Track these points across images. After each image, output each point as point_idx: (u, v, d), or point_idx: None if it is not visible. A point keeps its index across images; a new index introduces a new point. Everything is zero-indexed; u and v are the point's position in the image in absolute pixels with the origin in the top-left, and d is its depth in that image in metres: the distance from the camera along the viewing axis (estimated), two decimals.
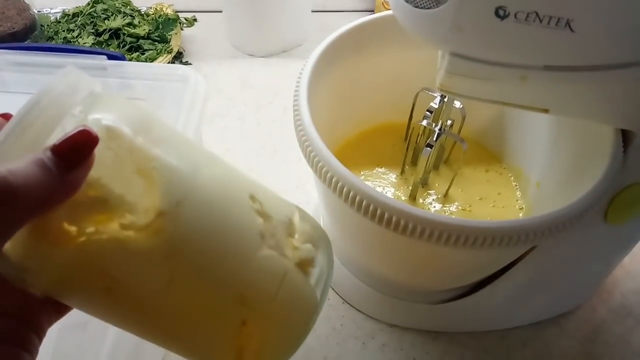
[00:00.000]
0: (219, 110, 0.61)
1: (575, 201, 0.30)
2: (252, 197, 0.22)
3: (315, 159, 0.32)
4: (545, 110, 0.31)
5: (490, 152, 0.48)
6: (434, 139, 0.39)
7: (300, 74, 0.37)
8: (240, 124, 0.60)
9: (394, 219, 0.29)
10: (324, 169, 0.31)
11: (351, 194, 0.30)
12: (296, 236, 0.23)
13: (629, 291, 0.46)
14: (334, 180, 0.31)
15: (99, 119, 0.20)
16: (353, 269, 0.44)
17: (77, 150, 0.18)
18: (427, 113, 0.41)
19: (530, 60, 0.27)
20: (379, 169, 0.45)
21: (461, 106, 0.42)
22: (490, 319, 0.43)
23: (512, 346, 0.43)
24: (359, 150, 0.47)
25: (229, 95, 0.63)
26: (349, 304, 0.45)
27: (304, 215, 0.25)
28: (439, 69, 0.30)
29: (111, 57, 0.44)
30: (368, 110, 0.47)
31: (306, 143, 0.33)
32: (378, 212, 0.29)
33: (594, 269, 0.42)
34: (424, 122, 0.40)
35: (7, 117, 0.21)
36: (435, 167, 0.46)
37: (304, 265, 0.23)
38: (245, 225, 0.22)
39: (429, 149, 0.39)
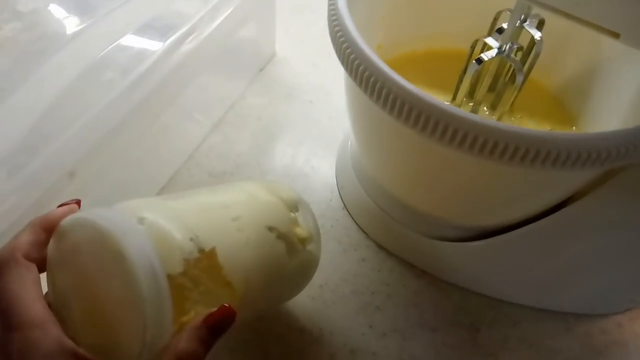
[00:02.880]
0: None
1: None
2: (270, 228, 0.28)
3: (344, 45, 0.28)
4: (616, 35, 0.26)
5: (564, 110, 0.41)
6: (489, 55, 0.34)
7: None
8: None
9: (445, 127, 0.24)
10: (354, 58, 0.27)
11: (386, 93, 0.26)
12: (299, 225, 0.31)
13: None
14: (365, 75, 0.26)
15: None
16: (364, 182, 0.41)
17: (222, 326, 0.22)
18: (496, 34, 0.36)
19: None
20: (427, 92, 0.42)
21: (539, 38, 0.36)
22: (489, 280, 0.38)
23: (499, 320, 0.37)
24: (410, 68, 0.43)
25: None
26: (347, 210, 0.43)
27: (297, 204, 0.32)
28: None
29: None
30: (436, 28, 0.43)
31: (337, 28, 0.29)
32: (425, 119, 0.25)
33: None
34: (488, 39, 0.36)
35: (78, 202, 0.25)
36: (493, 106, 0.40)
37: (306, 243, 0.31)
38: (276, 254, 0.29)
39: (476, 64, 0.34)
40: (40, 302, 0.21)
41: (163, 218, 0.23)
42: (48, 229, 0.23)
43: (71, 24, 0.39)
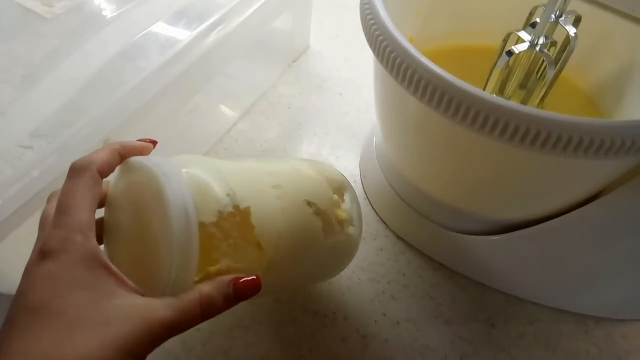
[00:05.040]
0: None
1: None
2: (308, 203, 0.29)
3: (376, 32, 0.28)
4: None
5: (596, 110, 0.40)
6: (520, 48, 0.34)
7: None
8: None
9: (487, 118, 0.24)
10: (381, 38, 0.27)
11: (418, 78, 0.26)
12: (340, 207, 0.31)
13: None
14: (397, 61, 0.26)
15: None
16: (387, 172, 0.42)
17: (247, 292, 0.24)
18: (530, 28, 0.36)
19: None
20: None
21: (574, 34, 0.35)
22: (508, 277, 0.37)
23: (515, 317, 0.37)
24: (440, 61, 0.43)
25: None
26: (368, 200, 0.43)
27: (343, 188, 0.33)
28: None
29: None
30: (470, 25, 0.42)
31: (370, 17, 0.29)
32: (463, 108, 0.25)
33: None
34: (521, 32, 0.35)
35: (154, 142, 0.27)
36: (523, 102, 0.40)
37: (345, 225, 0.31)
38: (311, 228, 0.29)
39: (506, 56, 0.34)
40: (92, 214, 0.22)
41: (207, 172, 0.25)
42: (123, 155, 0.25)
43: (112, 6, 0.41)
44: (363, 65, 0.55)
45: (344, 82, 0.53)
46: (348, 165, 0.46)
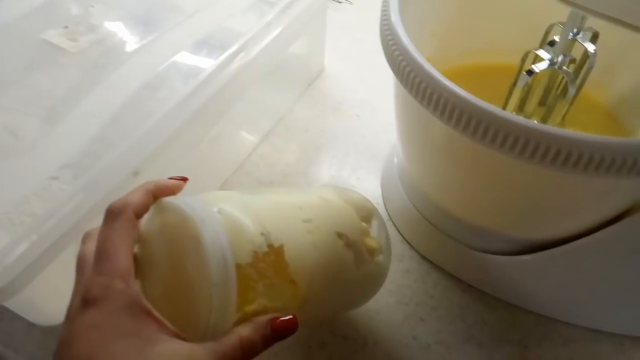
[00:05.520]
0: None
1: None
2: (339, 235, 0.29)
3: (396, 53, 0.29)
4: None
5: (618, 125, 0.40)
6: (540, 67, 0.34)
7: None
8: None
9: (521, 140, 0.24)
10: (404, 63, 0.28)
11: (437, 98, 0.26)
12: (369, 235, 0.31)
13: None
14: (417, 81, 0.27)
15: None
16: (411, 193, 0.42)
17: (285, 332, 0.24)
18: (547, 46, 0.36)
19: None
20: None
21: (594, 51, 0.36)
22: (538, 297, 0.37)
23: (548, 338, 0.36)
24: (458, 81, 0.43)
25: None
26: (392, 221, 0.43)
27: (371, 215, 0.33)
28: None
29: None
30: (485, 43, 0.43)
31: (391, 41, 0.29)
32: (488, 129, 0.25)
33: None
34: (539, 51, 0.36)
35: (185, 179, 0.27)
36: (544, 120, 0.40)
37: (375, 254, 0.31)
38: (343, 261, 0.29)
39: (526, 75, 0.34)
40: (131, 259, 0.23)
41: (239, 211, 0.25)
42: (157, 195, 0.25)
43: (135, 38, 0.42)
44: (378, 86, 0.56)
45: (360, 104, 0.54)
46: (369, 186, 0.46)
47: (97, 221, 0.31)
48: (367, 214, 0.32)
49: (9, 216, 0.33)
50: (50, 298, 0.34)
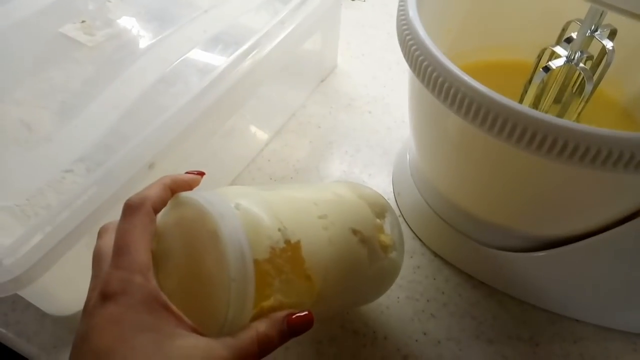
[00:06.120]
0: None
1: None
2: (354, 231, 0.29)
3: (414, 48, 0.29)
4: None
5: (634, 123, 0.39)
6: (556, 64, 0.34)
7: None
8: None
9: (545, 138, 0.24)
10: (422, 58, 0.28)
11: (454, 92, 0.26)
12: (383, 232, 0.31)
13: None
14: (434, 75, 0.27)
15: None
16: (423, 189, 0.42)
17: (300, 328, 0.24)
18: (564, 43, 0.36)
19: None
20: None
21: (611, 48, 0.35)
22: (551, 294, 0.37)
23: (560, 335, 0.36)
24: (474, 77, 0.43)
25: None
26: (403, 217, 0.43)
27: (385, 212, 0.32)
28: None
29: None
30: (501, 40, 0.42)
31: (407, 32, 0.30)
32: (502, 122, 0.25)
33: None
34: (556, 48, 0.35)
35: (202, 174, 0.27)
36: (560, 115, 0.40)
37: (388, 251, 0.31)
38: (357, 257, 0.29)
39: (543, 72, 0.34)
40: (149, 253, 0.23)
41: (257, 206, 0.25)
42: (174, 190, 0.26)
43: (151, 33, 0.43)
44: (390, 83, 0.56)
45: (372, 100, 0.54)
46: (380, 182, 0.46)
47: (111, 214, 0.31)
48: (380, 210, 0.32)
49: (23, 208, 0.34)
50: (63, 289, 0.34)
